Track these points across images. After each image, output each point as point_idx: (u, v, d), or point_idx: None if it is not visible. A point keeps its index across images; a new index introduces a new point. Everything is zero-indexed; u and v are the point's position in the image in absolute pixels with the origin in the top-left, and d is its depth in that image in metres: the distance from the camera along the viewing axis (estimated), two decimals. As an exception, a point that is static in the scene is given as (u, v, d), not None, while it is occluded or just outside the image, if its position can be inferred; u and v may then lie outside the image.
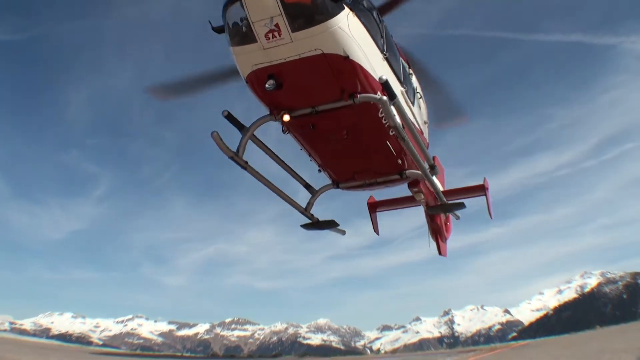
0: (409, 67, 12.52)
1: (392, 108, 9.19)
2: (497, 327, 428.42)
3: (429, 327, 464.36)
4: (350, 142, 10.56)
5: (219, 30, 9.27)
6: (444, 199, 13.20)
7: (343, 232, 14.79)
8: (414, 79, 12.79)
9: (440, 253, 18.78)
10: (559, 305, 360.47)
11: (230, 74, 11.36)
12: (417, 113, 12.88)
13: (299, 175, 12.54)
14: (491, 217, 16.66)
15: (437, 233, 18.44)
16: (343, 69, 8.72)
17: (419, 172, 11.44)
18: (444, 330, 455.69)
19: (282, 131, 10.50)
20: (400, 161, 11.34)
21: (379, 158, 11.25)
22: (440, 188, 14.00)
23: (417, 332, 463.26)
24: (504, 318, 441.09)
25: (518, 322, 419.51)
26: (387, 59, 10.27)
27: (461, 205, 13.54)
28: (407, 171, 11.71)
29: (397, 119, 9.51)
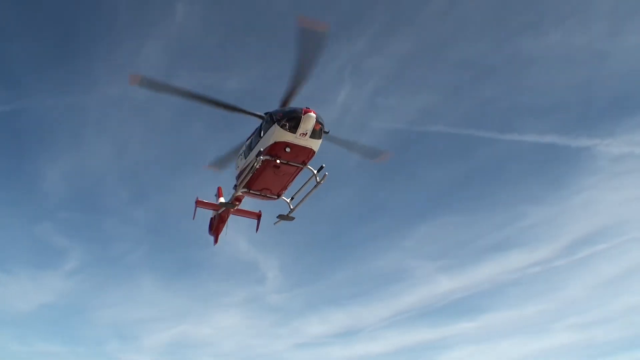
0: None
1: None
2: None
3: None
4: (284, 177, 20.59)
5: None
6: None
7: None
8: None
9: (217, 242, 28.15)
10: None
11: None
12: None
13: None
14: (256, 232, 26.74)
15: (220, 229, 27.53)
16: (311, 156, 19.52)
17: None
18: None
19: (258, 162, 19.20)
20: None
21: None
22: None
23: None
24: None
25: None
26: None
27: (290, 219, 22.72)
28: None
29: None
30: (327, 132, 18.83)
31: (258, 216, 26.67)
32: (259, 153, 18.95)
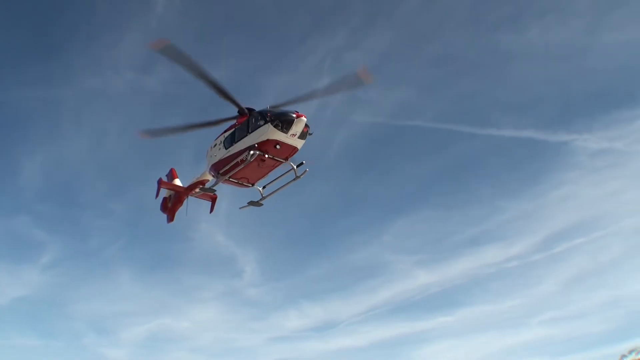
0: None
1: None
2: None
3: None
4: (265, 169, 22.68)
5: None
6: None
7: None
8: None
9: (172, 220, 28.79)
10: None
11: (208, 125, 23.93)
12: None
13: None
14: (210, 213, 27.70)
15: (177, 209, 28.54)
16: (294, 153, 21.78)
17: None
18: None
19: (251, 155, 21.08)
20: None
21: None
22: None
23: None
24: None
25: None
26: None
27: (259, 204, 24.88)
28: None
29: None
30: (311, 134, 21.43)
31: (213, 198, 27.88)
32: (252, 147, 21.09)
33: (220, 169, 23.29)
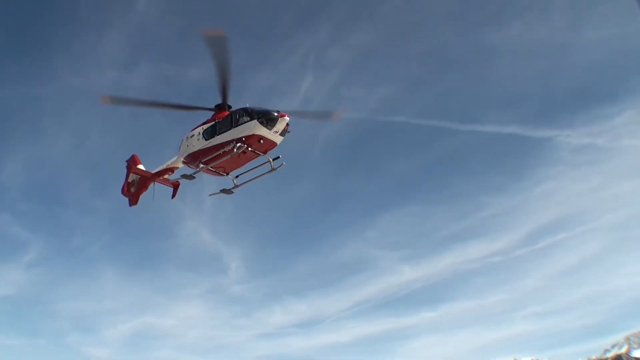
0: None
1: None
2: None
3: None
4: (243, 160, 24.97)
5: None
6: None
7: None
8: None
9: (134, 204, 30.19)
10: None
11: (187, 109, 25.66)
12: None
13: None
14: (172, 198, 29.19)
15: (141, 193, 30.04)
16: (273, 148, 24.36)
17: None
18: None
19: (238, 147, 23.51)
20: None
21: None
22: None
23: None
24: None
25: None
26: None
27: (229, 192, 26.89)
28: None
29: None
30: (289, 132, 24.14)
31: (176, 185, 29.80)
32: (240, 140, 23.67)
33: (200, 158, 25.19)
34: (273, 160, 25.08)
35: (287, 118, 23.49)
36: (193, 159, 25.88)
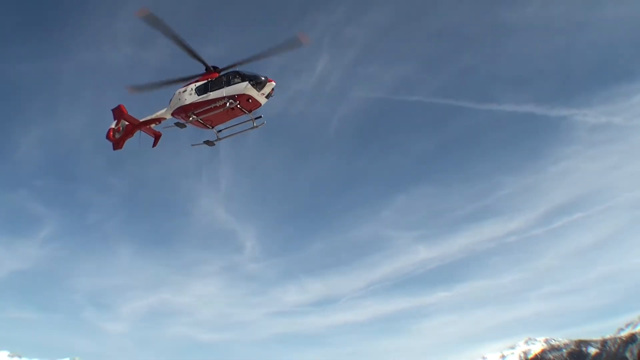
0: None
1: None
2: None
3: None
4: (229, 116, 28.30)
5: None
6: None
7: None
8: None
9: (119, 148, 32.42)
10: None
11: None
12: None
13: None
14: (153, 147, 32.30)
15: (126, 138, 32.51)
16: (257, 108, 28.06)
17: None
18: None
19: (230, 103, 27.00)
20: None
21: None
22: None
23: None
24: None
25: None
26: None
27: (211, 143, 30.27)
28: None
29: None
30: (273, 96, 27.60)
31: (157, 135, 32.86)
32: (232, 97, 26.95)
33: (191, 110, 28.55)
34: (255, 118, 28.30)
35: (273, 83, 27.07)
36: (184, 110, 29.00)
